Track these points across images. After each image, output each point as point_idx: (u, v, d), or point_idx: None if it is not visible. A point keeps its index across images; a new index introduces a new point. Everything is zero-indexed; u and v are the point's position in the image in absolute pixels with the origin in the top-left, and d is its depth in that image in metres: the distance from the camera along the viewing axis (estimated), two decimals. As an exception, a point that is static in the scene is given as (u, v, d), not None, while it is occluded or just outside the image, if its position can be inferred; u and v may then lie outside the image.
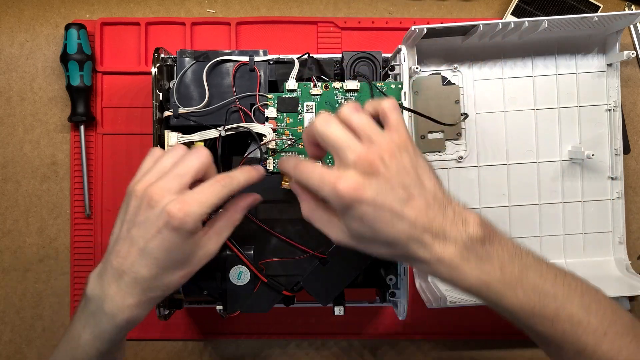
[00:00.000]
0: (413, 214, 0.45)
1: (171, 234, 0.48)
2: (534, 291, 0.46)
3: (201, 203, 0.48)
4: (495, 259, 0.46)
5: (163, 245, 0.48)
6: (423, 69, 0.73)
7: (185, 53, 0.63)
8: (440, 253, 0.45)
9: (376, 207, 0.45)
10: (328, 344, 0.79)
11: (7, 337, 0.78)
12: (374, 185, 0.45)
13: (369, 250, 0.48)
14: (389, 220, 0.45)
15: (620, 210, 0.74)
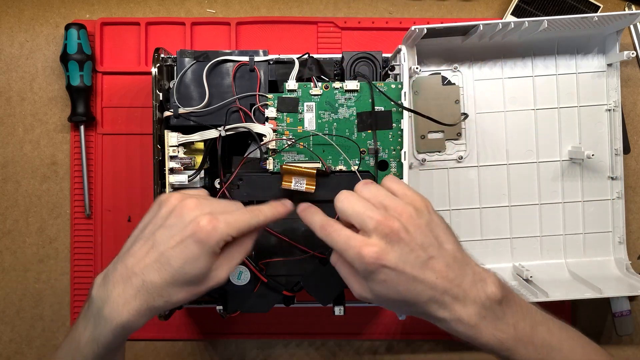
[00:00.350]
0: (433, 277, 0.47)
1: (194, 246, 0.48)
2: (543, 346, 0.49)
3: (229, 224, 0.49)
4: (510, 317, 0.49)
5: (183, 255, 0.48)
6: (423, 69, 0.73)
7: (185, 53, 0.63)
8: (460, 313, 0.47)
9: (398, 272, 0.47)
10: (328, 344, 0.79)
11: (7, 337, 0.78)
12: (396, 251, 0.47)
13: (391, 308, 0.52)
14: (411, 283, 0.47)
15: (620, 210, 0.74)
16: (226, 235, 0.49)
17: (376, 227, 0.48)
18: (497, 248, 0.74)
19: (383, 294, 0.48)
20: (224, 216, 0.50)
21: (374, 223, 0.48)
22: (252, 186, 0.62)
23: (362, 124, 0.62)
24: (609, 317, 0.79)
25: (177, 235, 0.48)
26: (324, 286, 0.61)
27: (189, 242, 0.48)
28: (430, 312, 0.48)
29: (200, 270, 0.49)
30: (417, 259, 0.47)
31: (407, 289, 0.47)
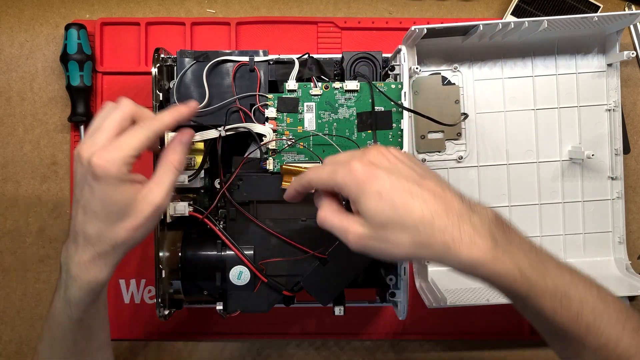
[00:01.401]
0: (432, 186, 0.44)
1: (99, 185, 0.48)
2: (560, 279, 0.45)
3: (121, 148, 0.49)
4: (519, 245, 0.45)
5: (96, 198, 0.49)
6: (423, 69, 0.73)
7: (185, 53, 0.63)
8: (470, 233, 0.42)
9: (391, 175, 0.45)
10: (328, 344, 0.79)
11: (7, 337, 0.78)
12: (385, 162, 0.46)
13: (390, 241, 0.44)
14: (409, 190, 0.44)
15: (620, 210, 0.74)
16: (122, 159, 0.49)
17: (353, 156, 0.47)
18: (497, 248, 0.74)
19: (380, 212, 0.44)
20: (116, 143, 0.49)
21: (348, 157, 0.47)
22: (252, 186, 0.62)
23: (362, 124, 0.62)
24: (609, 317, 0.79)
25: (84, 184, 0.49)
26: (324, 286, 0.61)
27: (93, 184, 0.48)
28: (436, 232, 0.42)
29: (122, 202, 0.49)
30: (409, 173, 0.45)
31: (405, 198, 0.44)
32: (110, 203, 0.49)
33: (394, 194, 0.44)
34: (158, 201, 0.51)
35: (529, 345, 0.79)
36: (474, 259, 0.42)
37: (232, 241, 0.61)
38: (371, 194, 0.44)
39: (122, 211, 0.50)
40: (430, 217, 0.43)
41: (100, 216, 0.49)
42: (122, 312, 0.77)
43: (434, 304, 0.68)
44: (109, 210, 0.49)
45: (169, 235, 0.64)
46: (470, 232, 0.42)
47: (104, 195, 0.49)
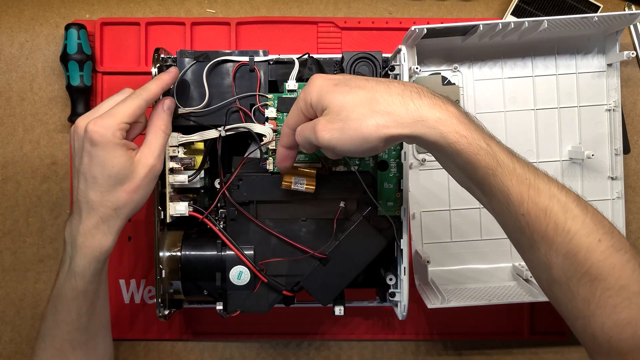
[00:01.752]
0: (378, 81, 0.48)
1: (96, 150, 0.52)
2: (530, 171, 0.45)
3: (114, 115, 0.53)
4: (485, 130, 0.46)
5: (95, 164, 0.53)
6: (423, 69, 0.73)
7: (185, 53, 0.63)
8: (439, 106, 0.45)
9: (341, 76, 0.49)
10: (328, 344, 0.79)
11: (7, 337, 0.78)
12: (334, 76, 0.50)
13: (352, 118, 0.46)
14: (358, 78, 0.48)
15: (620, 210, 0.74)
16: (116, 124, 0.53)
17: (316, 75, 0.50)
18: (497, 248, 0.74)
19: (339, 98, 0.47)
20: (109, 111, 0.54)
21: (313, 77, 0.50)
22: (252, 186, 0.62)
23: (362, 124, 0.62)
24: (609, 317, 0.79)
25: (83, 153, 0.53)
26: (324, 286, 0.61)
27: (91, 150, 0.53)
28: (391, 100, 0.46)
29: (119, 166, 0.53)
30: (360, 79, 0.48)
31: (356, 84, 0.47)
32: (108, 167, 0.53)
33: (350, 82, 0.48)
34: (151, 162, 0.55)
35: (529, 345, 0.79)
36: (437, 118, 0.44)
37: (232, 241, 0.61)
38: (330, 89, 0.48)
39: (120, 174, 0.53)
40: (389, 91, 0.46)
41: (100, 181, 0.53)
42: (122, 312, 0.77)
43: (434, 304, 0.68)
44: (107, 174, 0.53)
45: (169, 236, 0.64)
46: (432, 99, 0.46)
47: (102, 160, 0.53)
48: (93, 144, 0.52)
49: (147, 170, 0.55)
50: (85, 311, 0.57)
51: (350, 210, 0.62)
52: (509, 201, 0.44)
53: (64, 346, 0.58)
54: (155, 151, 0.56)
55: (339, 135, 0.46)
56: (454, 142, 0.44)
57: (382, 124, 0.45)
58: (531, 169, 0.45)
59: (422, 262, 0.71)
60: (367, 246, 0.61)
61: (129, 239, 0.77)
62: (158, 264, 0.61)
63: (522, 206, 0.44)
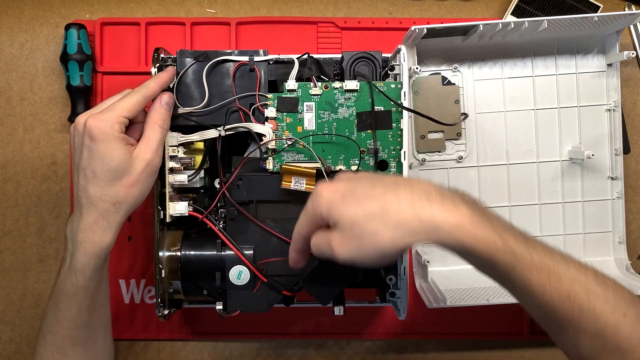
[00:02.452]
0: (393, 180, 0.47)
1: (96, 144, 0.54)
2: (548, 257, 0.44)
3: (113, 109, 0.55)
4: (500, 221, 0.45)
5: (94, 158, 0.54)
6: (423, 69, 0.73)
7: (185, 53, 0.63)
8: (443, 203, 0.44)
9: (351, 183, 0.47)
10: (328, 344, 0.79)
11: (7, 337, 0.78)
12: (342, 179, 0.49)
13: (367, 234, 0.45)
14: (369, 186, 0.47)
15: (620, 210, 0.74)
16: (115, 118, 0.55)
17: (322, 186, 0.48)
18: (497, 248, 0.74)
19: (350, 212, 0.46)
20: (108, 107, 0.56)
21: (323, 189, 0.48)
22: (252, 186, 0.62)
23: (362, 124, 0.62)
24: (609, 317, 0.79)
25: (82, 148, 0.55)
26: (323, 286, 0.61)
27: (91, 145, 0.54)
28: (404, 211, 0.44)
29: (118, 160, 0.54)
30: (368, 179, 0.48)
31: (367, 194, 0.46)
32: (107, 160, 0.54)
33: (357, 192, 0.46)
34: (149, 156, 0.56)
35: (529, 346, 0.79)
36: (452, 225, 0.43)
37: (231, 241, 0.61)
38: (338, 202, 0.47)
39: (119, 168, 0.55)
40: (398, 199, 0.45)
41: (100, 175, 0.54)
42: (122, 312, 0.77)
43: (434, 304, 0.68)
44: (107, 168, 0.54)
45: (169, 235, 0.64)
46: (442, 202, 0.44)
47: (101, 154, 0.54)
48: (92, 138, 0.54)
49: (145, 165, 0.56)
50: (85, 307, 0.58)
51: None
52: (531, 292, 0.44)
53: (64, 343, 0.59)
54: (152, 145, 0.57)
55: (356, 252, 0.45)
56: (470, 246, 0.43)
57: (398, 237, 0.44)
58: (547, 253, 0.45)
59: (422, 262, 0.71)
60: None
61: (129, 238, 0.77)
62: (158, 264, 0.61)
63: (545, 295, 0.44)
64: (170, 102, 0.60)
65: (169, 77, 0.61)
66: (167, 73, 0.61)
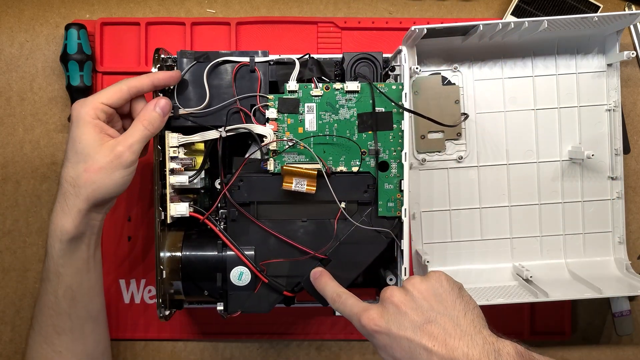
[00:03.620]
0: (429, 343, 0.45)
1: (72, 127, 0.55)
2: None
3: (95, 96, 0.56)
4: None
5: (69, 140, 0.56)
6: (423, 69, 0.73)
7: (186, 54, 0.63)
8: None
9: (391, 336, 0.47)
10: (328, 344, 0.79)
11: (7, 337, 0.78)
12: (390, 314, 0.48)
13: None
14: (406, 347, 0.46)
15: (620, 210, 0.74)
16: (94, 104, 0.55)
17: (383, 298, 0.51)
18: (497, 248, 0.74)
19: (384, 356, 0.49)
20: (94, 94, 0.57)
21: (386, 295, 0.51)
22: (253, 187, 0.62)
23: (363, 125, 0.62)
24: (609, 317, 0.79)
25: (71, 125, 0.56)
26: (324, 287, 0.61)
27: (70, 128, 0.56)
28: None
29: (85, 143, 0.55)
30: (411, 322, 0.47)
31: (402, 354, 0.47)
32: (76, 142, 0.55)
33: (393, 347, 0.47)
34: (119, 149, 0.56)
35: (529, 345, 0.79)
36: None
37: (232, 242, 0.61)
38: (378, 347, 0.49)
39: (83, 152, 0.55)
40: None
41: (68, 156, 0.56)
42: (122, 312, 0.77)
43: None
44: (75, 150, 0.55)
45: (170, 236, 0.64)
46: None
47: (72, 136, 0.55)
48: (71, 120, 0.56)
49: (113, 156, 0.55)
50: (62, 295, 0.58)
51: (350, 211, 0.62)
52: None
53: (48, 332, 0.59)
54: (128, 140, 0.56)
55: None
56: None
57: None
58: None
59: (422, 262, 0.71)
60: (367, 247, 0.62)
61: (129, 239, 0.77)
62: (159, 265, 0.61)
63: None
64: (165, 108, 0.59)
65: (167, 78, 0.60)
66: (166, 74, 0.60)
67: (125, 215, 0.77)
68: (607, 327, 0.80)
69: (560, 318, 0.78)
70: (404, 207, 0.61)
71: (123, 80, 0.58)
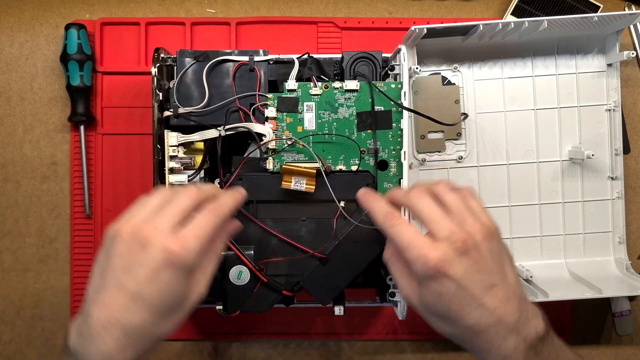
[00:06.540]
0: (493, 304, 0.45)
1: (170, 274, 0.44)
2: None
3: (198, 237, 0.46)
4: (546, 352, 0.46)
5: (159, 287, 0.44)
6: (423, 69, 0.73)
7: (185, 53, 0.63)
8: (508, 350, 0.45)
9: (459, 286, 0.45)
10: (328, 344, 0.79)
11: (7, 337, 0.78)
12: (463, 264, 0.46)
13: (432, 323, 0.49)
14: (468, 303, 0.45)
15: (620, 210, 0.74)
16: (199, 248, 0.46)
17: (449, 236, 0.46)
18: (497, 248, 0.74)
19: (433, 305, 0.47)
20: (190, 231, 0.46)
21: (447, 231, 0.46)
22: (252, 186, 0.62)
23: (362, 124, 0.62)
24: (609, 317, 0.79)
25: (146, 270, 0.44)
26: (324, 286, 0.61)
27: (163, 272, 0.44)
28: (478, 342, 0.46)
29: (180, 295, 0.46)
30: (482, 280, 0.45)
31: (462, 308, 0.45)
32: (171, 296, 0.45)
33: (454, 299, 0.46)
34: (202, 291, 0.48)
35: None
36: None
37: (231, 241, 0.61)
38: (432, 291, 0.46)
39: (177, 304, 0.46)
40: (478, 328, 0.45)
41: (155, 309, 0.44)
42: (122, 312, 0.77)
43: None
44: (166, 303, 0.45)
45: (169, 235, 0.64)
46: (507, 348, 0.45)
47: (169, 287, 0.44)
48: (170, 265, 0.44)
49: (197, 300, 0.48)
50: None
51: (350, 210, 0.62)
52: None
53: None
54: (207, 279, 0.48)
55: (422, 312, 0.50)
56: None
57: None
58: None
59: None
60: (367, 246, 0.61)
61: (129, 239, 0.76)
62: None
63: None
64: (236, 233, 0.55)
65: (243, 199, 0.55)
66: (242, 195, 0.55)
67: (125, 215, 0.77)
68: (607, 327, 0.80)
69: (560, 318, 0.78)
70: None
71: (214, 211, 0.48)
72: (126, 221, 0.46)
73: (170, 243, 0.44)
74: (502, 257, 0.48)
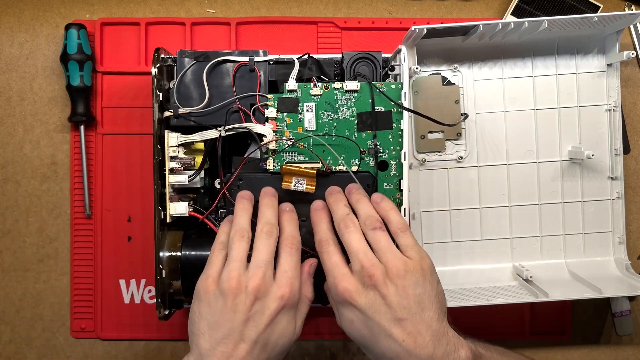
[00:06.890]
0: (400, 336, 0.48)
1: (285, 316, 0.51)
2: None
3: (296, 277, 0.52)
4: None
5: (276, 330, 0.50)
6: (423, 69, 0.73)
7: (186, 53, 0.63)
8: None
9: (366, 316, 0.49)
10: (328, 343, 0.79)
11: (7, 337, 0.78)
12: (370, 296, 0.49)
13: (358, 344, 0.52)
14: (377, 332, 0.49)
15: (620, 210, 0.74)
16: (298, 287, 0.52)
17: (360, 270, 0.50)
18: (497, 248, 0.74)
19: (348, 331, 0.51)
20: (287, 274, 0.52)
21: (359, 266, 0.50)
22: (252, 186, 0.62)
23: (362, 124, 0.62)
24: (609, 317, 0.79)
25: (264, 318, 0.50)
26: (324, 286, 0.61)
27: (280, 317, 0.50)
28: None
29: (295, 334, 0.52)
30: (389, 313, 0.48)
31: (372, 336, 0.49)
32: (286, 336, 0.51)
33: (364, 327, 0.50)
34: (299, 332, 0.54)
35: (529, 345, 0.79)
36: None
37: (232, 241, 0.61)
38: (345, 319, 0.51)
39: (289, 342, 0.52)
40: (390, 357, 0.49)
41: (270, 348, 0.50)
42: (122, 312, 0.77)
43: (434, 304, 0.68)
44: (281, 344, 0.51)
45: (169, 236, 0.64)
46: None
47: (285, 328, 0.51)
48: (285, 308, 0.51)
49: (295, 340, 0.54)
50: None
51: (350, 211, 0.62)
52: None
53: None
54: (302, 321, 0.55)
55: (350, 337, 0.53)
56: None
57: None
58: None
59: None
60: (367, 246, 0.61)
61: (129, 239, 0.77)
62: (158, 264, 0.61)
63: None
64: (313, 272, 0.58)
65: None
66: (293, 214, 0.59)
67: (125, 215, 0.77)
68: (607, 327, 0.80)
69: (560, 318, 0.78)
70: (404, 206, 0.61)
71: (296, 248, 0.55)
72: (229, 278, 0.51)
73: (281, 291, 0.51)
74: (421, 294, 0.50)
